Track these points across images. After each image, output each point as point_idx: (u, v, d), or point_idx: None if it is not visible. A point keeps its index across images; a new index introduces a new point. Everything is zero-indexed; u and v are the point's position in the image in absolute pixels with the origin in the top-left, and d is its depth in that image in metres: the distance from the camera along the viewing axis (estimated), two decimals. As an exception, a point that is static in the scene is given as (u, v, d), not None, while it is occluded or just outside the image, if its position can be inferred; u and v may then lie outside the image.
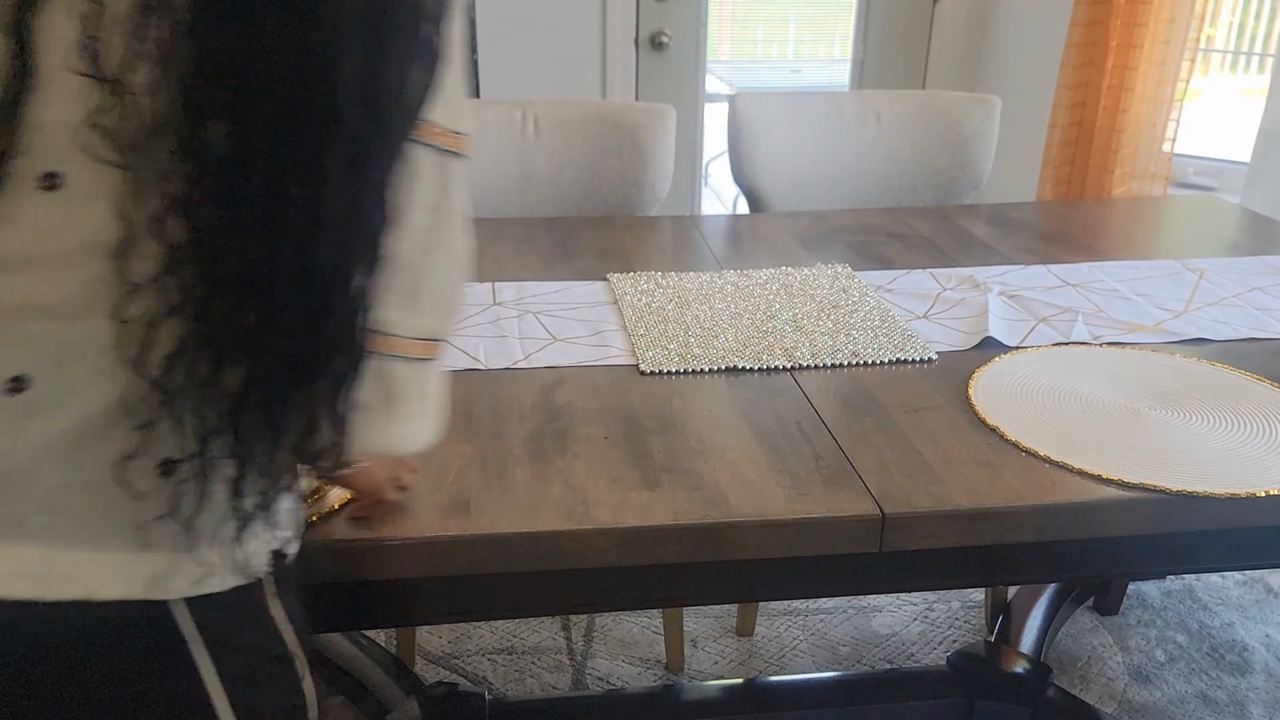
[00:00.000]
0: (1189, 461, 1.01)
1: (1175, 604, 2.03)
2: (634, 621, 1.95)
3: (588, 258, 1.60)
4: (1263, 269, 1.58)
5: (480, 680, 1.80)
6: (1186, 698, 1.78)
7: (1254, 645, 1.91)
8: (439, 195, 0.64)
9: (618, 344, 1.28)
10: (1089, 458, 1.01)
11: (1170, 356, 1.26)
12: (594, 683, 1.80)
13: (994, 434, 1.06)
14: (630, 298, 1.41)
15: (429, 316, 0.66)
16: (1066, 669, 1.85)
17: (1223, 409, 1.12)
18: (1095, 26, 2.58)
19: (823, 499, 0.94)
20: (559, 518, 0.91)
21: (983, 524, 0.95)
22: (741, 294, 1.43)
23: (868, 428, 1.07)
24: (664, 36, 3.10)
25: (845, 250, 1.66)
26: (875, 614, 1.99)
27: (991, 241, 1.71)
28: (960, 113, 2.06)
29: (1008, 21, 3.12)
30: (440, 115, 0.62)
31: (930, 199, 2.10)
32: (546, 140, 1.93)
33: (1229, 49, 3.13)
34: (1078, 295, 1.46)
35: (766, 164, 2.01)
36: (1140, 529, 0.98)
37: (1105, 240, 1.73)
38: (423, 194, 0.63)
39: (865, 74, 3.33)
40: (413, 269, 0.64)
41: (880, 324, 1.33)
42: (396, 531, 0.88)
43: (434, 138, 0.62)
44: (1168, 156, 2.58)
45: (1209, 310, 1.40)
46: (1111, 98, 2.58)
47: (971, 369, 1.21)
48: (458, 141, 0.64)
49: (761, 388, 1.17)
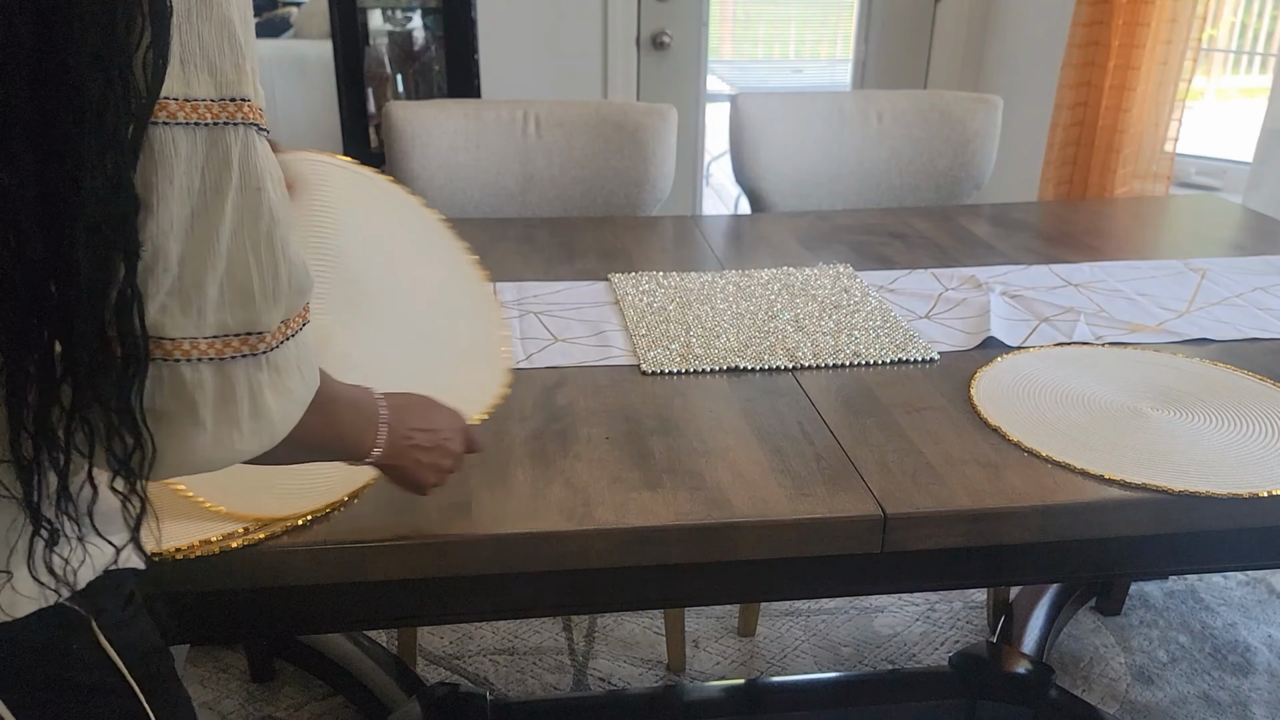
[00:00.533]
0: (1191, 462, 1.01)
1: (1177, 604, 2.03)
2: (635, 622, 1.95)
3: (589, 258, 1.60)
4: (1265, 269, 1.57)
5: (482, 681, 1.80)
6: (1189, 698, 1.78)
7: (1256, 646, 1.91)
8: (211, 176, 0.56)
9: (619, 344, 1.28)
10: (1091, 458, 1.01)
11: (1172, 357, 1.26)
12: (595, 683, 1.80)
13: (996, 434, 1.06)
14: (632, 298, 1.41)
15: (218, 312, 0.58)
16: (1069, 669, 1.84)
17: (1225, 409, 1.12)
18: (1097, 26, 2.57)
19: (824, 499, 0.94)
20: (560, 518, 0.91)
21: (984, 524, 0.95)
22: (743, 294, 1.43)
23: (869, 428, 1.07)
24: (665, 36, 3.10)
25: (847, 250, 1.65)
26: (877, 614, 1.98)
27: (993, 241, 1.71)
28: (962, 112, 2.06)
29: (1009, 21, 3.11)
30: (185, 86, 0.54)
31: (932, 199, 2.09)
32: (548, 140, 1.93)
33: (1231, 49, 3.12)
34: (1080, 295, 1.46)
35: (768, 164, 2.01)
36: (1142, 529, 0.98)
37: (1107, 240, 1.73)
38: (180, 180, 0.55)
39: (867, 74, 3.33)
40: (185, 263, 0.56)
41: (882, 324, 1.33)
42: (397, 532, 0.88)
43: (186, 113, 0.54)
44: (1170, 156, 2.58)
45: (1211, 310, 1.40)
46: (1113, 97, 2.58)
47: (973, 369, 1.21)
48: (232, 111, 0.56)
49: (763, 388, 1.17)
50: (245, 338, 0.59)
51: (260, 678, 1.79)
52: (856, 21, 3.31)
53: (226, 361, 0.59)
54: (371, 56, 3.21)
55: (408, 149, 1.86)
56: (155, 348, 0.57)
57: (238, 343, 0.59)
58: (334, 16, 3.02)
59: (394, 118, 1.86)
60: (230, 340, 0.59)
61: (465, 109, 1.91)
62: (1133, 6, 2.50)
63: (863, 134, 2.06)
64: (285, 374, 0.63)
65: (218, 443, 0.60)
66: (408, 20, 3.24)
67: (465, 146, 1.89)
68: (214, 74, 0.55)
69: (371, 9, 3.16)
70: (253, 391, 0.60)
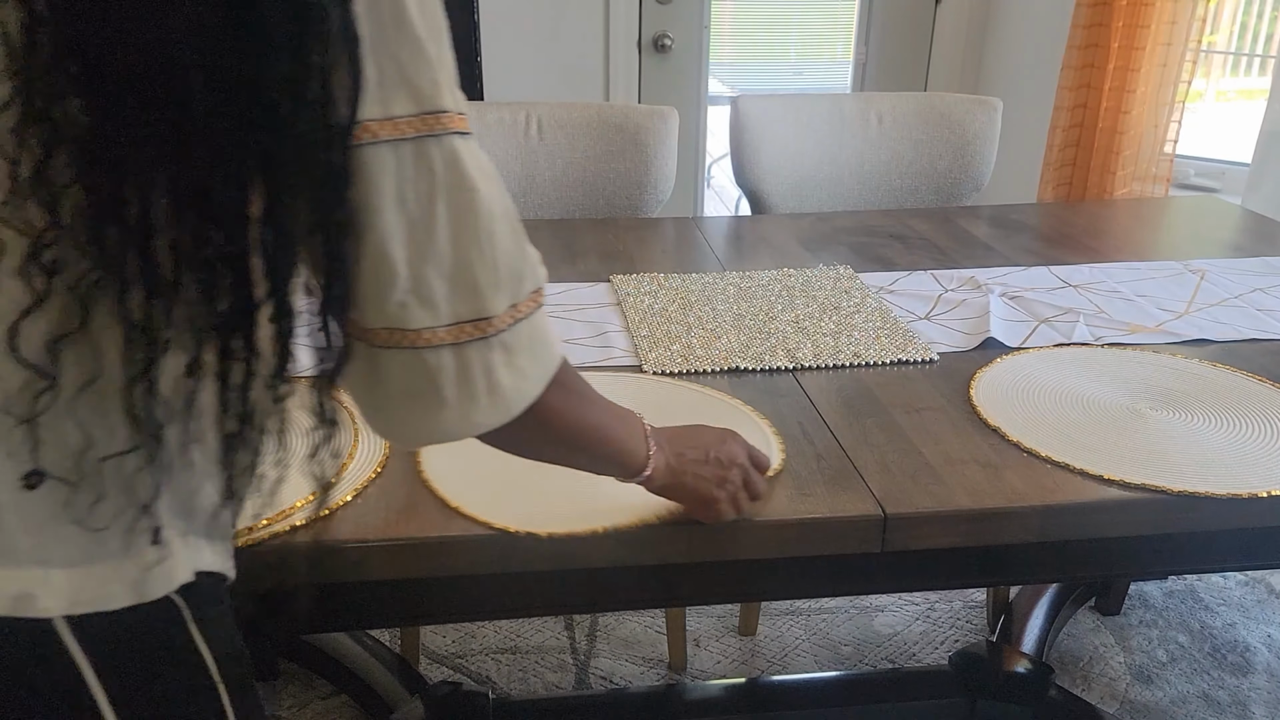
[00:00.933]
0: (1190, 462, 1.02)
1: (1177, 604, 2.03)
2: (637, 621, 1.96)
3: (591, 259, 1.61)
4: (1264, 270, 1.58)
5: (484, 679, 1.80)
6: (1188, 698, 1.78)
7: (1256, 645, 1.92)
8: (422, 186, 0.61)
9: (621, 345, 1.28)
10: (1090, 458, 1.02)
11: (1172, 357, 1.26)
12: (597, 682, 1.80)
13: (995, 434, 1.07)
14: (633, 299, 1.42)
15: (449, 304, 0.64)
16: (1068, 669, 1.85)
17: (1224, 410, 1.13)
18: (1097, 28, 2.58)
19: (825, 499, 0.95)
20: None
21: (984, 524, 0.95)
22: (744, 295, 1.43)
23: (869, 428, 1.08)
24: (667, 39, 3.11)
25: (847, 251, 1.66)
26: (877, 614, 1.99)
27: (993, 243, 1.71)
28: (962, 114, 2.07)
29: (1009, 23, 3.12)
30: (384, 107, 0.58)
31: (932, 200, 2.10)
32: (550, 142, 1.93)
33: (1230, 51, 3.13)
34: (1079, 296, 1.46)
35: (769, 166, 2.02)
36: (1142, 529, 0.99)
37: (1106, 241, 1.74)
38: (391, 193, 0.60)
39: (867, 76, 3.33)
40: (411, 265, 0.62)
41: (882, 325, 1.34)
42: (398, 532, 0.89)
43: (389, 132, 0.59)
44: (1169, 158, 2.58)
45: (1210, 311, 1.41)
46: (1113, 99, 2.59)
47: (973, 370, 1.22)
48: (433, 123, 0.60)
49: (764, 388, 1.17)
50: (476, 323, 0.65)
51: (264, 676, 1.79)
52: (857, 24, 3.32)
53: (462, 345, 0.65)
54: (373, 58, 3.21)
55: (410, 151, 1.86)
56: (401, 338, 0.63)
57: (470, 328, 0.65)
58: (336, 18, 3.02)
59: (396, 120, 1.86)
60: (464, 326, 0.65)
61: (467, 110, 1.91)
62: (1132, 9, 2.50)
63: (863, 136, 2.07)
64: (517, 353, 0.68)
65: (461, 416, 0.67)
66: (409, 22, 3.25)
67: (467, 148, 1.90)
68: (411, 91, 0.59)
69: (373, 11, 3.17)
70: (487, 370, 0.67)
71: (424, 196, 0.61)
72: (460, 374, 0.66)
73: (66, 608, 0.57)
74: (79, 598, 0.58)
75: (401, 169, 0.60)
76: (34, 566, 0.57)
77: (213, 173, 0.52)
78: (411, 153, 0.60)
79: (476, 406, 0.67)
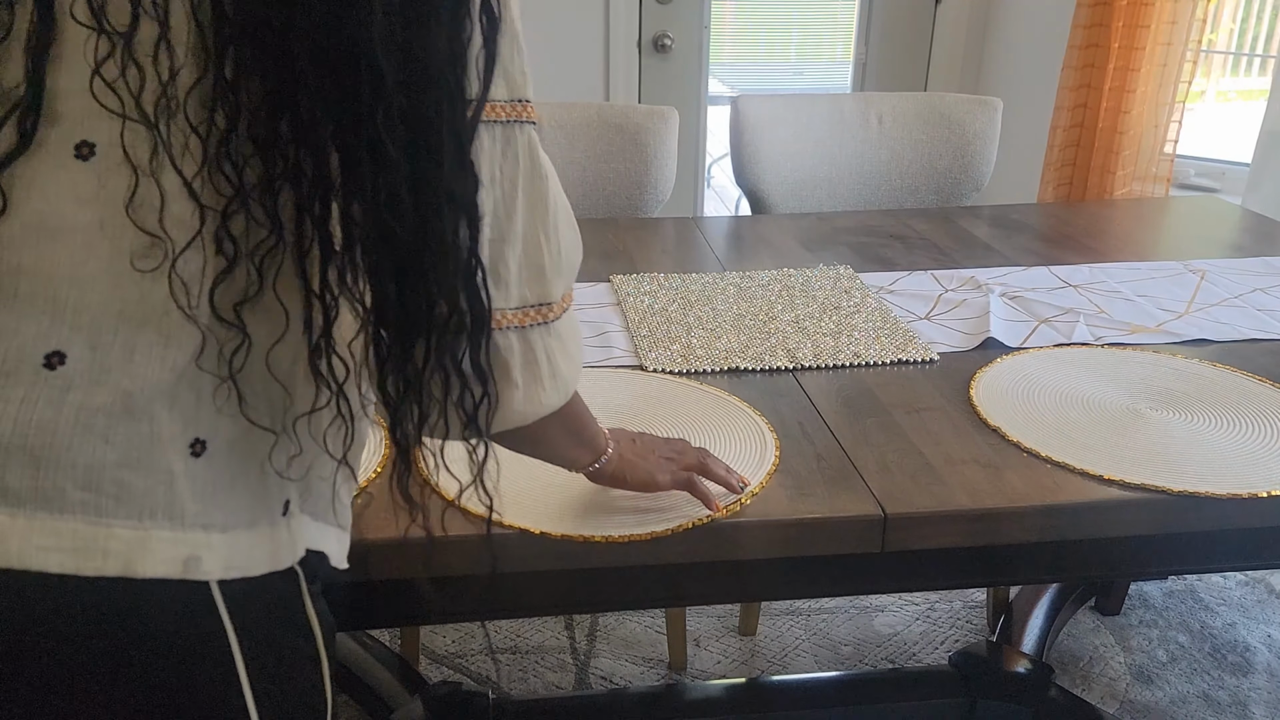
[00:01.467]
0: (1191, 462, 1.02)
1: (1177, 604, 2.03)
2: (637, 621, 1.96)
3: (591, 259, 1.61)
4: (1264, 270, 1.58)
5: (484, 680, 1.80)
6: (1188, 698, 1.78)
7: (1256, 645, 1.92)
8: (508, 168, 0.65)
9: (621, 345, 1.28)
10: (1091, 458, 1.02)
11: (1172, 358, 1.26)
12: (597, 682, 1.80)
13: (995, 435, 1.07)
14: (633, 299, 1.42)
15: (519, 287, 0.68)
16: (1068, 669, 1.85)
17: (1224, 410, 1.13)
18: (1097, 28, 2.58)
19: (825, 499, 0.95)
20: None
21: (984, 524, 0.95)
22: (744, 295, 1.43)
23: (869, 428, 1.08)
24: (667, 39, 3.11)
25: (847, 251, 1.66)
26: (877, 614, 1.99)
27: (993, 243, 1.71)
28: (962, 114, 2.07)
29: (1009, 23, 3.12)
30: (501, 90, 0.62)
31: (932, 200, 2.10)
32: (549, 142, 1.93)
33: (1231, 51, 3.13)
34: (1079, 296, 1.46)
35: (769, 166, 2.02)
36: (1142, 530, 0.99)
37: (1107, 242, 1.74)
38: (484, 171, 0.63)
39: (867, 76, 3.33)
40: (493, 244, 0.65)
41: (882, 325, 1.34)
42: (398, 532, 0.89)
43: (487, 112, 0.62)
44: (1169, 158, 2.58)
45: (1211, 311, 1.41)
46: (1113, 99, 2.59)
47: (973, 370, 1.22)
48: (520, 111, 0.64)
49: (764, 388, 1.17)
50: (539, 309, 0.69)
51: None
52: (857, 24, 3.32)
53: (527, 329, 0.69)
54: (373, 58, 3.21)
55: (410, 151, 1.86)
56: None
57: (534, 313, 0.69)
58: (336, 18, 3.02)
59: (396, 119, 1.86)
60: (529, 311, 0.69)
61: (467, 111, 1.91)
62: (1132, 9, 2.50)
63: (863, 136, 2.07)
64: (567, 340, 0.73)
65: (528, 399, 0.70)
66: (409, 22, 3.25)
67: (467, 148, 1.90)
68: (507, 78, 0.63)
69: (373, 11, 3.17)
70: (549, 354, 0.71)
71: (509, 179, 0.65)
72: (525, 357, 0.69)
73: (223, 571, 0.60)
74: (233, 562, 0.61)
75: (493, 149, 0.63)
76: (199, 530, 0.59)
77: (384, 144, 0.55)
78: (502, 135, 0.64)
79: (542, 389, 0.71)
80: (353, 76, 0.53)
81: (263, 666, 0.62)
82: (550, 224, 0.69)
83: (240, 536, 0.61)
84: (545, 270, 0.69)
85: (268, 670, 0.63)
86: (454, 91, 0.57)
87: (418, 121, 0.56)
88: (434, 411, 0.63)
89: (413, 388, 0.61)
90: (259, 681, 0.62)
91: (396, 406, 0.62)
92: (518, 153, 0.65)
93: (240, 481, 0.61)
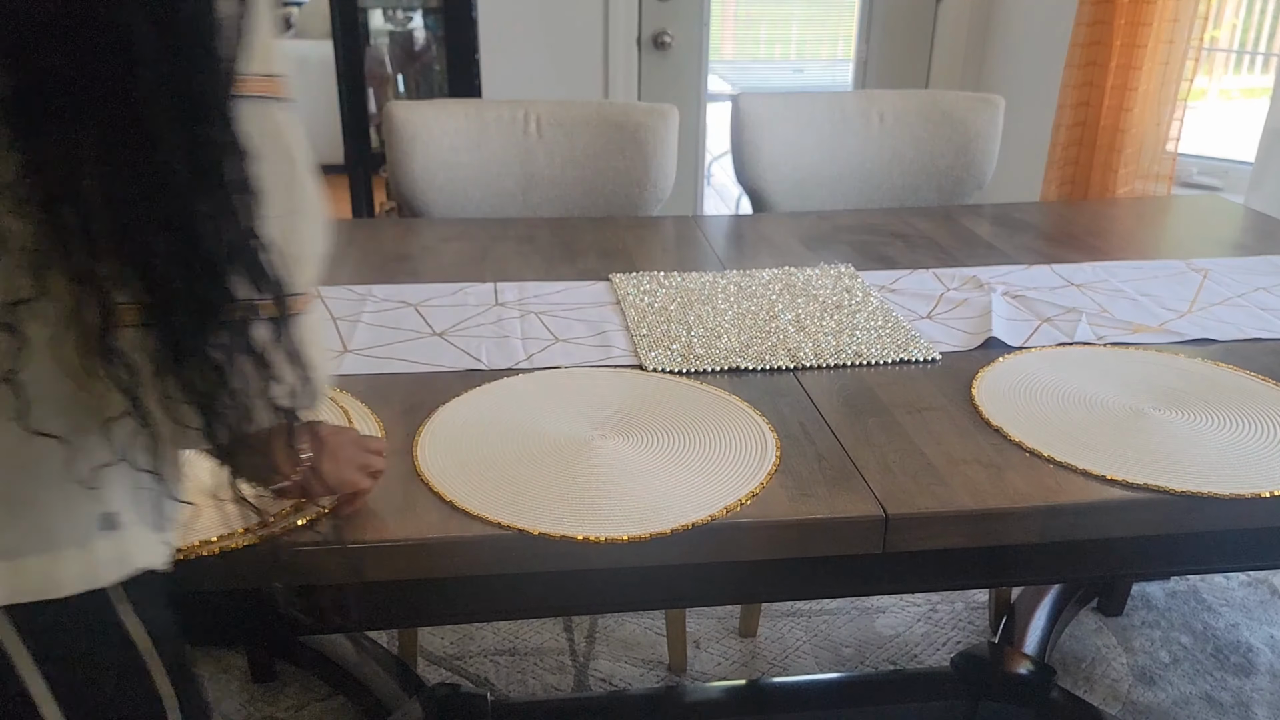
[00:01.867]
0: (1193, 462, 1.01)
1: (1179, 605, 2.03)
2: (636, 623, 1.95)
3: (590, 258, 1.60)
4: (1267, 269, 1.57)
5: (483, 681, 1.79)
6: (1191, 699, 1.78)
7: (1258, 646, 1.91)
8: (262, 147, 0.61)
9: (621, 344, 1.28)
10: (1093, 458, 1.01)
11: (1175, 357, 1.25)
12: (596, 684, 1.80)
13: (997, 435, 1.06)
14: (633, 298, 1.41)
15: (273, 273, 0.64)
16: (1070, 670, 1.84)
17: (1227, 410, 1.12)
18: (1099, 26, 2.57)
19: (826, 500, 0.94)
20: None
21: (986, 525, 0.94)
22: (744, 294, 1.42)
23: (871, 428, 1.07)
24: (666, 36, 3.10)
25: (848, 250, 1.65)
26: (878, 615, 1.98)
27: (995, 242, 1.71)
28: (964, 112, 2.06)
29: (1011, 21, 3.11)
30: (253, 63, 0.59)
31: (934, 199, 2.09)
32: (549, 140, 1.93)
33: (1233, 49, 3.12)
34: (1082, 296, 1.45)
35: (770, 164, 2.01)
36: (1144, 530, 0.98)
37: (1109, 240, 1.73)
38: (247, 146, 0.60)
39: (868, 74, 3.33)
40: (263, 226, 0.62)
41: (883, 324, 1.33)
42: (398, 533, 0.88)
43: (250, 89, 0.59)
44: (1172, 156, 2.57)
45: (1213, 311, 1.40)
46: (1116, 97, 2.58)
47: (975, 369, 1.21)
48: (272, 86, 0.61)
49: (764, 388, 1.16)
50: (293, 298, 0.64)
51: (261, 679, 1.79)
52: (858, 21, 3.31)
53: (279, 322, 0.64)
54: (372, 56, 3.21)
55: (408, 149, 1.86)
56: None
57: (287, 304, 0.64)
58: (335, 16, 3.02)
59: (395, 118, 1.86)
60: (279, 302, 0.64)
61: (466, 109, 1.91)
62: (1135, 6, 2.50)
63: (864, 134, 2.06)
64: (318, 333, 0.68)
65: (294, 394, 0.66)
66: (408, 20, 3.25)
67: (466, 146, 1.89)
68: (258, 49, 0.59)
69: (372, 9, 3.16)
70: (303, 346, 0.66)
71: (269, 155, 0.61)
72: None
73: (8, 598, 0.58)
74: (23, 586, 0.58)
75: (252, 124, 0.60)
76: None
77: (141, 126, 0.53)
78: (258, 113, 0.60)
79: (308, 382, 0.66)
80: (108, 47, 0.51)
81: (71, 685, 0.61)
82: (296, 209, 0.64)
83: (31, 563, 0.59)
84: (295, 256, 0.64)
85: (77, 688, 0.61)
86: (216, 62, 0.55)
87: (180, 93, 0.54)
88: (241, 404, 0.61)
89: (211, 381, 0.59)
90: (64, 699, 0.61)
91: (202, 403, 0.59)
92: (274, 129, 0.62)
93: (29, 498, 0.58)
